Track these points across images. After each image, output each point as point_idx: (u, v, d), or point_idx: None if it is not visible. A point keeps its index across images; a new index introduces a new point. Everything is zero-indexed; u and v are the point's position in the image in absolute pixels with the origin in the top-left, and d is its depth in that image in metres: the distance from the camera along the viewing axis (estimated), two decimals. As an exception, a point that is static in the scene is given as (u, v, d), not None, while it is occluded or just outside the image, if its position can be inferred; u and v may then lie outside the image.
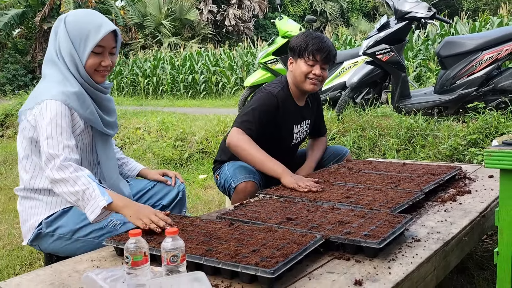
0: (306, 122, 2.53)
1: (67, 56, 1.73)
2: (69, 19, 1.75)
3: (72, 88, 1.71)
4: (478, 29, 8.21)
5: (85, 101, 1.75)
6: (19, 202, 1.83)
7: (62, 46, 1.73)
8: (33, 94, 1.75)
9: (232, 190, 2.25)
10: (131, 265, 1.15)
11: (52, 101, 1.65)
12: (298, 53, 2.29)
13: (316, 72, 2.28)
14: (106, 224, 1.70)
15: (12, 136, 8.80)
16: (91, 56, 1.73)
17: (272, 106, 2.30)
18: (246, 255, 1.25)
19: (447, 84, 4.29)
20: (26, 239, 1.80)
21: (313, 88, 2.33)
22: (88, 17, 1.75)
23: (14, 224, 3.37)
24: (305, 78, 2.30)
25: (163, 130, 6.23)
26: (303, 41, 2.28)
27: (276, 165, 2.15)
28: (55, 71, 1.74)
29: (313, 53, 2.25)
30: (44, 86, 1.72)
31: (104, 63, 1.77)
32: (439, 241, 1.47)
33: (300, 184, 2.00)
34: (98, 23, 1.73)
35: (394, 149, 3.92)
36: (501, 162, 1.26)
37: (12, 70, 15.82)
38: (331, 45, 2.30)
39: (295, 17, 20.66)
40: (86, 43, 1.71)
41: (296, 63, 2.32)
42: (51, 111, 1.64)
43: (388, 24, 4.46)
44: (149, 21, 17.60)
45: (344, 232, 1.41)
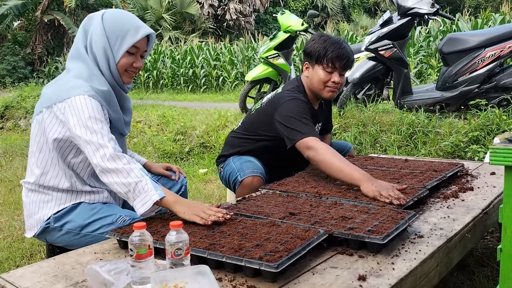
0: (319, 125, 2.50)
1: (100, 51, 1.72)
2: (108, 16, 1.74)
3: (100, 86, 1.71)
4: (480, 26, 8.19)
5: (112, 100, 1.76)
6: (25, 194, 1.82)
7: (96, 41, 1.72)
8: (59, 89, 1.71)
9: (238, 184, 2.24)
10: (136, 258, 1.16)
11: (85, 97, 1.63)
12: (316, 59, 2.21)
13: (335, 79, 2.21)
14: (116, 220, 1.70)
15: (12, 128, 8.78)
16: (125, 55, 1.74)
17: (307, 108, 2.23)
18: (249, 249, 1.25)
19: (449, 81, 4.28)
20: (32, 232, 1.80)
21: (331, 96, 2.28)
22: (127, 16, 1.76)
23: (15, 216, 3.37)
24: (324, 86, 2.24)
25: (163, 124, 6.22)
26: (321, 47, 2.19)
27: (356, 172, 1.92)
28: (83, 67, 1.73)
29: (333, 61, 2.17)
30: (72, 82, 1.69)
31: (135, 64, 1.78)
32: (442, 238, 1.47)
33: (382, 193, 1.76)
34: (137, 24, 1.75)
35: (395, 145, 3.92)
36: (506, 159, 1.26)
37: (12, 62, 15.75)
38: (350, 50, 2.23)
39: (296, 12, 20.57)
40: (123, 42, 1.72)
41: (314, 70, 2.24)
42: (87, 106, 1.62)
43: (391, 19, 4.44)
44: (149, 14, 17.52)
45: (348, 228, 1.41)
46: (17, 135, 8.22)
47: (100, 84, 1.71)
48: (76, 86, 1.67)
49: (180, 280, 1.09)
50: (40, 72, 16.14)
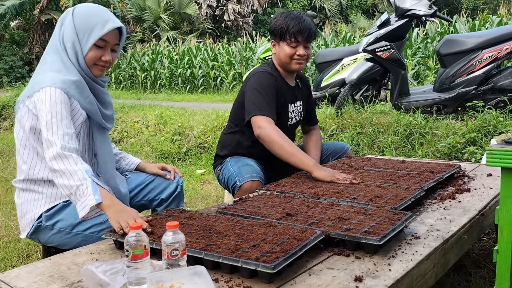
0: (299, 103, 2.53)
1: (69, 45, 1.74)
2: (78, 10, 1.77)
3: (71, 76, 1.71)
4: (477, 28, 8.22)
5: (84, 90, 1.75)
6: (17, 195, 1.82)
7: (66, 35, 1.74)
8: (32, 82, 1.75)
9: (237, 189, 2.23)
10: (131, 258, 1.15)
11: (52, 88, 1.65)
12: (280, 36, 2.32)
13: (300, 52, 2.31)
14: (107, 219, 1.70)
15: (9, 128, 8.76)
16: (93, 48, 1.74)
17: (273, 81, 2.32)
18: (246, 250, 1.25)
19: (447, 82, 4.29)
20: (24, 232, 1.79)
21: (299, 67, 2.37)
22: (96, 11, 1.77)
23: (11, 216, 3.36)
24: (291, 60, 2.33)
25: (161, 124, 6.21)
26: (283, 24, 2.29)
27: (307, 159, 2.11)
28: (56, 60, 1.75)
29: (295, 35, 2.27)
30: (44, 75, 1.72)
31: (104, 58, 1.78)
32: (439, 239, 1.47)
33: (338, 177, 1.98)
34: (105, 18, 1.75)
35: (392, 146, 3.93)
36: (503, 161, 1.26)
37: (9, 62, 15.72)
38: (311, 22, 2.32)
39: (295, 13, 20.58)
40: (90, 35, 1.73)
41: (279, 46, 2.35)
42: (50, 98, 1.64)
43: (389, 21, 4.45)
44: (147, 14, 17.50)
45: (344, 229, 1.41)
46: (14, 135, 8.20)
47: (70, 75, 1.72)
48: (46, 78, 1.69)
49: (176, 281, 1.09)
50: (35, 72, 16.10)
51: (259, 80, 2.31)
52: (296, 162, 2.11)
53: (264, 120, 2.19)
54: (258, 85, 2.29)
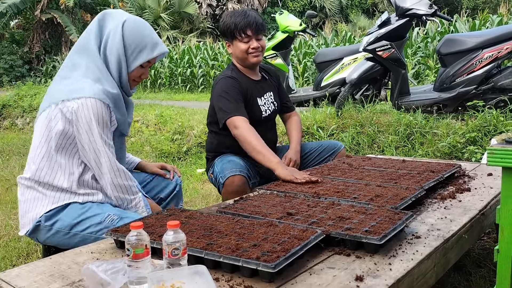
0: (269, 94, 2.58)
1: (114, 59, 1.75)
2: (129, 25, 1.77)
3: (111, 89, 1.74)
4: (477, 27, 8.22)
5: (121, 104, 1.80)
6: (21, 192, 1.81)
7: (111, 47, 1.75)
8: (67, 86, 1.72)
9: (221, 186, 2.27)
10: (132, 258, 1.15)
11: (94, 100, 1.67)
12: (231, 35, 2.40)
13: (254, 45, 2.39)
14: (104, 219, 1.70)
15: (9, 127, 8.76)
16: (137, 68, 1.80)
17: (234, 84, 2.39)
18: (247, 249, 1.25)
19: (447, 82, 4.29)
20: (24, 230, 1.79)
21: (257, 60, 2.44)
22: (147, 31, 1.81)
23: (11, 215, 3.36)
24: (247, 54, 2.41)
25: (161, 124, 6.21)
26: (230, 23, 2.37)
27: (272, 157, 2.17)
28: (92, 66, 1.74)
29: (244, 30, 2.35)
30: (82, 82, 1.71)
31: (143, 76, 1.86)
32: (439, 238, 1.47)
33: (297, 176, 2.03)
34: (155, 40, 1.81)
35: (392, 146, 3.92)
36: (504, 160, 1.26)
37: (9, 61, 15.71)
38: (256, 15, 2.40)
39: (295, 12, 20.57)
40: (139, 56, 1.78)
41: (233, 45, 2.43)
42: (97, 111, 1.67)
43: (389, 20, 4.45)
44: (147, 14, 17.49)
45: (345, 228, 1.41)
46: (14, 134, 8.20)
47: (111, 87, 1.74)
48: (87, 86, 1.69)
49: (177, 280, 1.09)
50: (37, 71, 16.10)
51: (222, 86, 2.39)
52: (262, 159, 2.19)
53: (238, 120, 2.27)
54: (223, 91, 2.37)
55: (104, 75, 1.74)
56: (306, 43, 10.37)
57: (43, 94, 9.19)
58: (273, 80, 2.66)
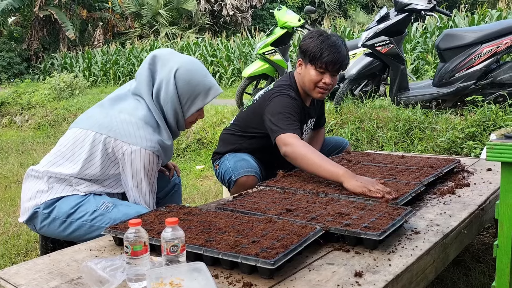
0: (311, 121, 2.51)
1: (171, 109, 1.80)
2: (181, 76, 1.79)
3: (166, 140, 1.80)
4: (477, 22, 8.19)
5: (171, 151, 1.87)
6: (27, 180, 1.83)
7: (166, 98, 1.79)
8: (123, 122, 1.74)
9: (232, 184, 2.23)
10: (131, 255, 1.15)
11: (150, 153, 1.73)
12: (310, 59, 2.17)
13: (326, 81, 2.19)
14: (99, 207, 1.71)
15: (8, 125, 8.74)
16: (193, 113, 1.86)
17: (297, 107, 2.21)
18: (246, 245, 1.25)
19: (446, 77, 4.28)
20: (23, 217, 1.80)
21: (321, 97, 2.27)
22: (201, 77, 1.82)
23: (11, 213, 3.36)
24: (315, 87, 2.22)
25: (160, 120, 6.19)
26: (318, 48, 2.14)
27: (336, 168, 1.87)
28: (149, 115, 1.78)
29: (327, 64, 2.14)
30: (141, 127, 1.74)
31: (199, 117, 1.91)
32: (439, 234, 1.47)
33: (371, 188, 1.73)
34: (208, 86, 1.83)
35: (392, 141, 3.92)
36: (503, 155, 1.25)
37: (7, 58, 15.66)
38: (346, 54, 2.19)
39: (294, 8, 20.51)
40: (193, 104, 1.83)
41: (306, 68, 2.22)
42: (149, 162, 1.74)
43: (388, 15, 4.43)
44: (146, 10, 17.43)
45: (344, 224, 1.41)
46: (13, 131, 8.19)
47: (166, 139, 1.80)
48: (145, 135, 1.73)
49: (176, 277, 1.08)
50: (36, 68, 16.04)
51: (282, 103, 2.18)
52: (324, 174, 1.90)
53: (289, 137, 2.03)
54: (281, 109, 2.15)
55: (162, 125, 1.80)
56: (305, 39, 10.33)
57: (41, 91, 9.19)
58: (319, 105, 2.55)
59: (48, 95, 9.03)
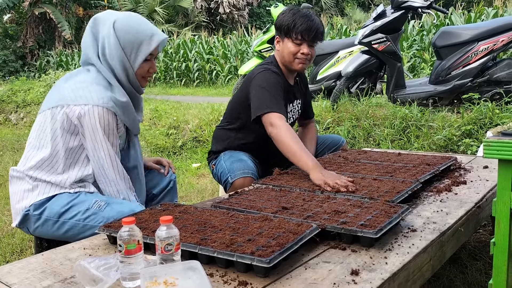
0: (297, 102, 2.49)
1: (118, 64, 1.75)
2: (119, 26, 1.74)
3: (120, 97, 1.74)
4: (473, 20, 8.20)
5: (130, 110, 1.80)
6: (12, 182, 1.81)
7: (111, 52, 1.74)
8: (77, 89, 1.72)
9: (229, 185, 2.21)
10: (125, 254, 1.13)
11: (103, 109, 1.67)
12: (286, 32, 2.23)
13: (304, 51, 2.23)
14: (91, 206, 1.69)
15: (3, 123, 8.69)
16: (142, 63, 1.79)
17: (279, 80, 2.25)
18: (241, 244, 1.23)
19: (443, 75, 4.28)
20: (15, 221, 1.78)
21: (301, 67, 2.28)
22: (139, 25, 1.77)
23: (5, 211, 3.33)
24: (294, 58, 2.25)
25: (156, 118, 6.18)
26: (290, 20, 2.20)
27: (309, 159, 1.95)
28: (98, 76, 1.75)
29: (302, 33, 2.19)
30: (93, 88, 1.71)
31: (151, 70, 1.84)
32: (435, 231, 1.46)
33: (328, 182, 1.80)
34: (150, 32, 1.77)
35: (388, 139, 3.92)
36: (500, 152, 1.25)
37: (2, 56, 15.57)
38: (319, 22, 2.24)
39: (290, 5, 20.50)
40: (139, 52, 1.76)
41: (284, 43, 2.27)
42: (104, 120, 1.68)
43: (385, 13, 4.43)
44: (142, 7, 17.36)
45: (340, 222, 1.40)
46: (8, 129, 8.14)
47: (120, 95, 1.75)
48: (96, 94, 1.69)
49: (171, 276, 1.07)
50: (31, 66, 15.97)
51: (265, 78, 2.22)
52: (297, 163, 2.00)
53: (276, 117, 2.07)
54: (266, 82, 2.19)
55: (114, 83, 1.75)
56: (301, 37, 10.32)
57: (37, 89, 9.13)
58: (303, 86, 2.55)
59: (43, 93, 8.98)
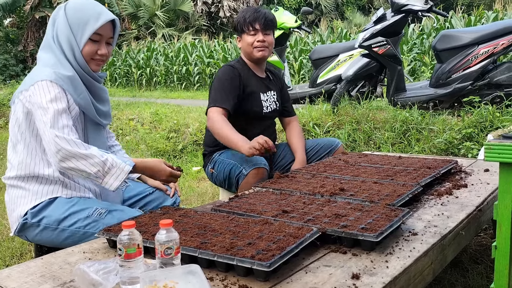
0: (272, 93, 2.59)
1: (64, 41, 1.73)
2: (69, 5, 1.76)
3: (65, 71, 1.71)
4: (473, 23, 8.21)
5: (78, 86, 1.75)
6: (6, 191, 1.81)
7: (60, 31, 1.74)
8: (27, 78, 1.75)
9: (242, 178, 2.24)
10: (124, 258, 1.13)
11: (47, 82, 1.65)
12: (241, 29, 2.45)
13: (259, 38, 2.42)
14: (92, 213, 1.68)
15: (3, 126, 8.69)
16: (88, 43, 1.74)
17: (233, 74, 2.40)
18: (241, 247, 1.23)
19: (443, 78, 4.28)
20: (12, 230, 1.78)
21: (262, 54, 2.45)
22: (88, 5, 1.77)
23: (5, 215, 3.33)
24: (253, 48, 2.44)
25: (156, 122, 6.17)
26: (241, 17, 2.45)
27: (238, 138, 2.20)
28: (51, 56, 1.75)
29: (251, 23, 2.41)
30: (38, 70, 1.72)
31: (100, 52, 1.78)
32: (436, 235, 1.45)
33: (256, 147, 2.10)
34: (98, 11, 1.75)
35: (389, 142, 3.91)
36: (501, 155, 1.24)
37: (2, 60, 15.61)
38: (267, 11, 2.46)
39: (290, 9, 20.52)
40: (85, 30, 1.73)
41: (242, 39, 2.48)
42: (49, 92, 1.64)
43: (385, 16, 4.43)
44: (143, 11, 17.40)
45: (341, 225, 1.40)
46: (8, 133, 8.14)
47: (65, 70, 1.72)
48: (40, 72, 1.69)
49: (170, 280, 1.07)
50: (31, 70, 16.01)
51: (219, 74, 2.43)
52: (232, 145, 2.23)
53: (213, 111, 2.30)
54: (218, 79, 2.41)
55: (60, 60, 1.73)
56: (302, 40, 10.34)
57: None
58: (277, 81, 2.68)
59: (44, 97, 8.98)
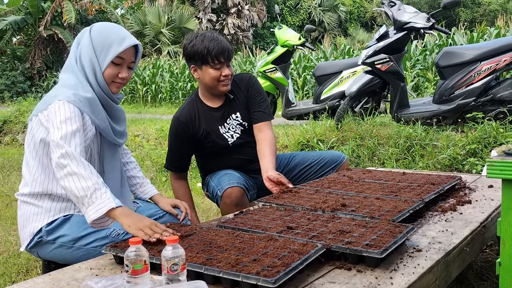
0: (233, 117, 2.44)
1: (87, 63, 1.77)
2: (95, 28, 1.81)
3: (84, 93, 1.74)
4: (475, 40, 8.26)
5: (97, 107, 1.78)
6: (18, 207, 1.82)
7: (84, 53, 1.78)
8: (46, 97, 1.77)
9: (219, 199, 2.24)
10: (131, 274, 1.14)
11: (64, 102, 1.67)
12: (202, 60, 2.27)
13: (225, 73, 2.30)
14: (109, 234, 1.69)
15: (10, 143, 8.76)
16: (110, 65, 1.78)
17: (177, 130, 2.40)
18: (247, 264, 1.24)
19: (446, 94, 4.30)
20: (24, 245, 1.79)
21: (227, 89, 2.36)
22: (113, 29, 1.81)
23: (11, 231, 3.35)
24: (218, 82, 2.32)
25: (161, 138, 6.21)
26: (202, 47, 2.25)
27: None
28: (71, 76, 1.78)
29: (217, 57, 2.25)
30: (57, 89, 1.76)
31: (121, 75, 1.82)
32: (441, 251, 1.46)
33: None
34: (122, 35, 1.80)
35: (393, 158, 3.92)
36: (504, 172, 1.26)
37: (11, 77, 15.79)
38: (227, 42, 2.33)
39: (294, 26, 20.74)
40: (108, 52, 1.77)
41: (202, 70, 2.31)
42: (65, 111, 1.65)
43: (387, 34, 4.48)
44: (148, 29, 17.65)
45: (345, 242, 1.40)
46: (15, 149, 8.20)
47: (84, 91, 1.74)
48: (60, 93, 1.71)
49: (176, 296, 1.08)
50: (38, 87, 16.17)
51: (169, 129, 2.46)
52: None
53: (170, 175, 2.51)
54: (169, 135, 2.48)
55: (81, 81, 1.76)
56: (305, 57, 10.44)
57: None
58: (241, 94, 2.46)
59: (50, 113, 9.07)
